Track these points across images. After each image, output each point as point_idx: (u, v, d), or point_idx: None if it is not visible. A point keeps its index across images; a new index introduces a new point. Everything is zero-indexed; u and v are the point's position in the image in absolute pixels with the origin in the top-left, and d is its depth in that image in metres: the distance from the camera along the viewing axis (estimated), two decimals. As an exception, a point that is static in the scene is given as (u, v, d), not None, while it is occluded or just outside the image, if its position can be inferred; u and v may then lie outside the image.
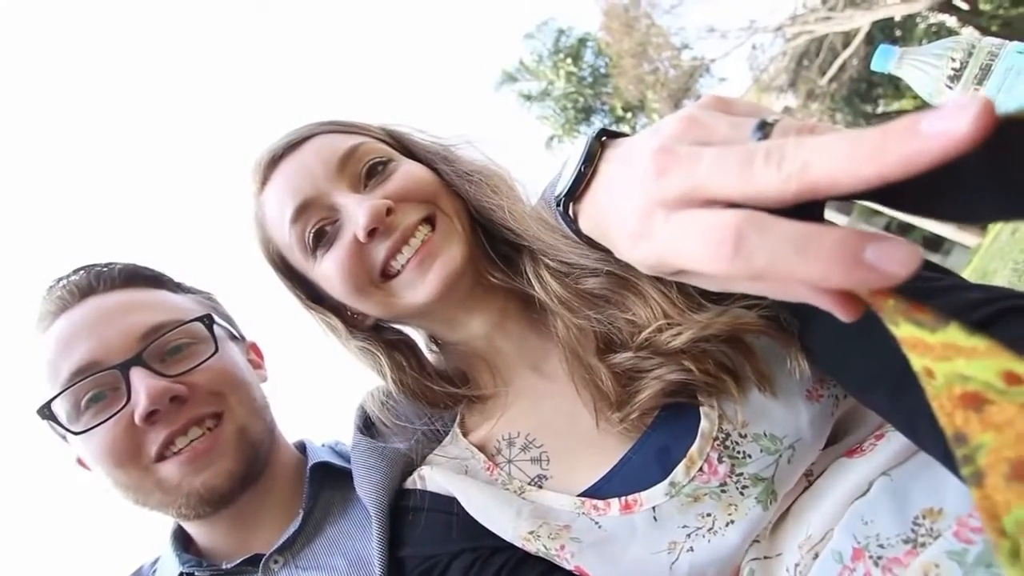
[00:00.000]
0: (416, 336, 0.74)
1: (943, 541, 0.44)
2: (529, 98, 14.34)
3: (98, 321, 0.71)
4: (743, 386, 0.55)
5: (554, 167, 0.45)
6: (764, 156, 0.26)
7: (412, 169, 0.65)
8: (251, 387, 0.79)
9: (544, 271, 0.62)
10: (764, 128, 0.29)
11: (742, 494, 0.54)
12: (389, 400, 0.69)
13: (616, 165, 0.37)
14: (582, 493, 0.59)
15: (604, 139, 0.40)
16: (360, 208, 0.59)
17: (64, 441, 0.73)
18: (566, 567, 0.58)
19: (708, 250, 0.26)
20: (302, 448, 0.89)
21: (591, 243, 0.42)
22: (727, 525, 0.55)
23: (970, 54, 0.67)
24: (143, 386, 0.66)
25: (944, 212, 0.27)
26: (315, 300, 0.68)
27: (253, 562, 0.74)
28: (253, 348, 0.89)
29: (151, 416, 0.66)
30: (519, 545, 0.59)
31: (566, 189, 0.40)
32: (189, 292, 0.84)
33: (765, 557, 0.56)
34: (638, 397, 0.56)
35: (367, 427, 0.72)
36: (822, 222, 0.26)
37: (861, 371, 0.49)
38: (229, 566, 0.74)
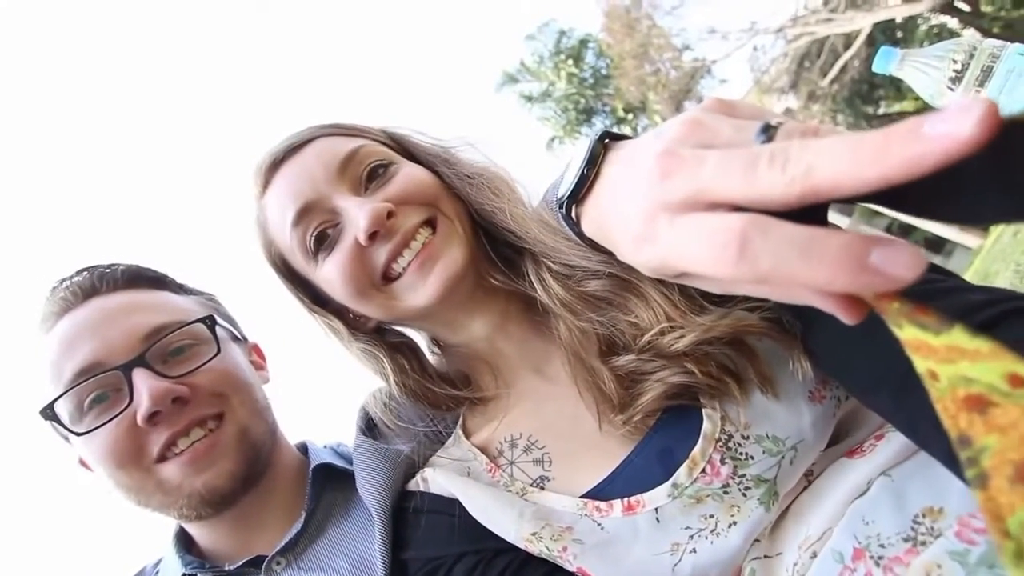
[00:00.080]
0: (418, 338, 0.74)
1: (945, 541, 0.44)
2: (530, 99, 14.34)
3: (101, 322, 0.71)
4: (745, 388, 0.55)
5: (555, 168, 0.45)
6: (768, 159, 0.26)
7: (413, 172, 0.65)
8: (253, 388, 0.79)
9: (546, 273, 0.62)
10: (768, 131, 0.29)
11: (744, 495, 0.54)
12: (391, 402, 0.69)
13: (619, 168, 0.37)
14: (584, 494, 0.59)
15: (607, 141, 0.40)
16: (361, 211, 0.59)
17: (66, 442, 0.74)
18: (569, 569, 0.58)
19: (713, 253, 0.26)
20: (304, 449, 0.89)
21: (593, 245, 0.41)
22: (730, 526, 0.55)
23: (971, 56, 0.67)
24: (145, 387, 0.66)
25: (947, 214, 0.27)
26: (317, 303, 0.68)
27: (256, 563, 0.74)
28: (255, 349, 0.89)
29: (153, 417, 0.66)
30: (522, 547, 0.59)
31: (568, 191, 0.40)
32: (192, 293, 0.85)
33: (765, 556, 0.56)
34: (641, 399, 0.56)
35: (369, 429, 0.72)
36: (826, 225, 0.26)
37: (864, 373, 0.49)
38: (232, 568, 0.74)
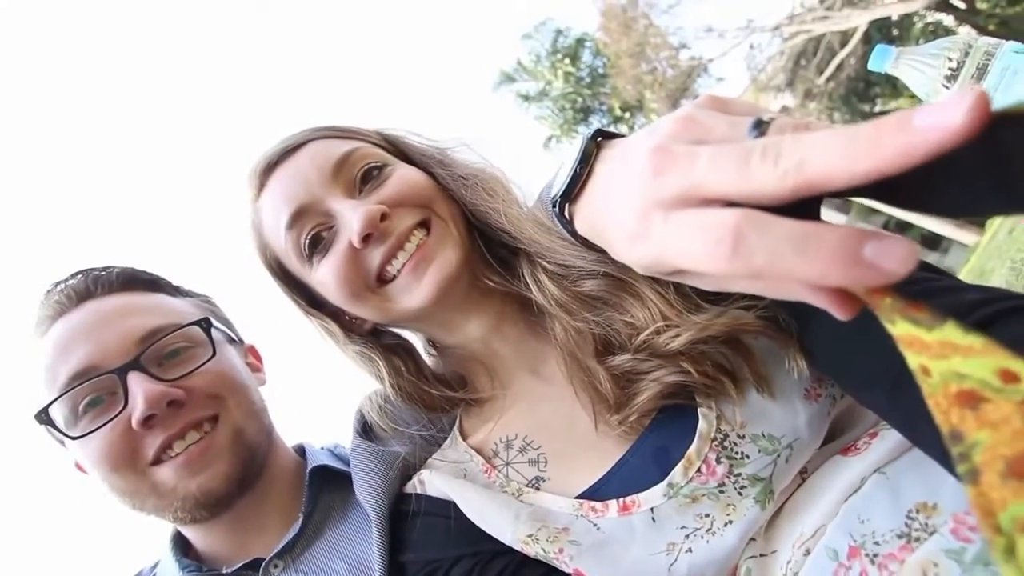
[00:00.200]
0: (414, 340, 0.74)
1: (940, 539, 0.44)
2: (527, 98, 14.34)
3: (95, 325, 0.71)
4: (741, 387, 0.55)
5: (552, 167, 0.45)
6: (760, 153, 0.26)
7: (407, 173, 0.65)
8: (249, 390, 0.79)
9: (541, 274, 0.62)
10: (760, 126, 0.29)
11: (740, 494, 0.54)
12: (387, 404, 0.69)
13: (612, 166, 0.37)
14: (580, 495, 0.58)
15: (600, 140, 0.40)
16: (355, 214, 0.59)
17: (62, 446, 0.73)
18: (565, 570, 0.58)
19: (707, 249, 0.26)
20: (301, 451, 0.89)
21: (587, 244, 0.42)
22: (725, 525, 0.54)
23: (967, 54, 0.67)
24: (140, 390, 0.66)
25: (940, 207, 0.27)
26: (313, 305, 0.68)
27: (253, 566, 0.74)
28: (251, 351, 0.89)
29: (148, 420, 0.66)
30: (518, 548, 0.59)
31: (561, 190, 0.40)
32: (187, 295, 0.84)
33: (761, 555, 0.56)
34: (637, 399, 0.56)
35: (366, 431, 0.72)
36: (818, 221, 0.26)
37: (859, 371, 0.49)
38: (229, 571, 0.74)
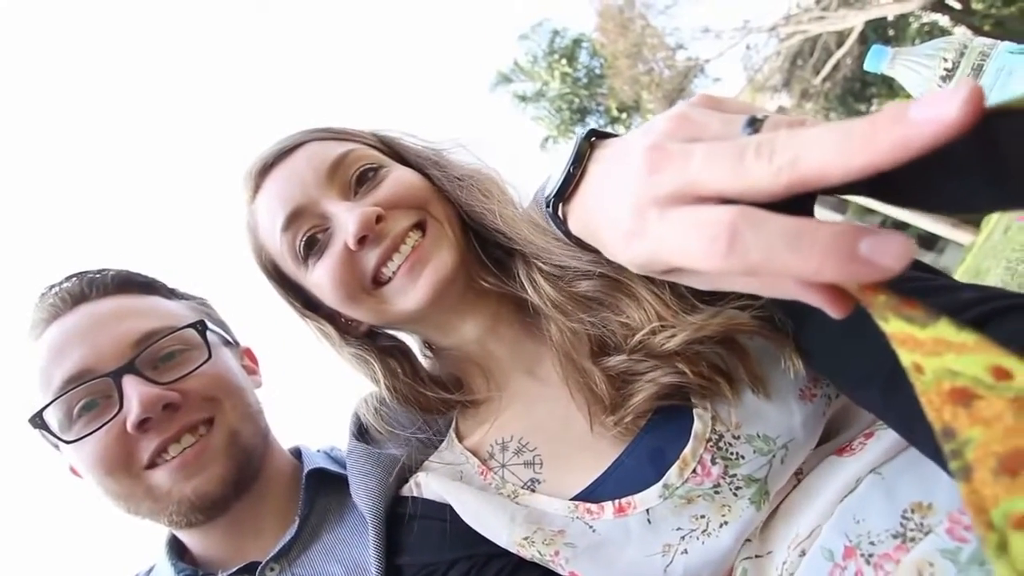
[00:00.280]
0: (411, 342, 0.74)
1: (935, 539, 0.44)
2: (524, 99, 14.34)
3: (90, 328, 0.70)
4: (737, 388, 0.55)
5: (548, 168, 0.45)
6: (755, 150, 0.26)
7: (402, 175, 0.65)
8: (245, 393, 0.79)
9: (537, 274, 0.61)
10: (754, 124, 0.29)
11: (735, 495, 0.54)
12: (382, 407, 0.68)
13: (606, 165, 0.38)
14: (575, 497, 0.58)
15: (593, 140, 0.40)
16: (350, 216, 0.58)
17: (56, 450, 0.73)
18: (561, 573, 0.58)
19: (702, 246, 0.26)
20: (297, 454, 0.89)
21: (581, 244, 0.42)
22: (721, 526, 0.54)
23: (962, 54, 0.68)
24: (135, 394, 0.65)
25: (935, 202, 0.27)
26: (309, 307, 0.68)
27: (249, 570, 0.74)
28: (247, 354, 0.89)
29: (143, 424, 0.66)
30: (514, 551, 0.59)
31: (555, 190, 0.40)
32: (182, 298, 0.84)
33: (756, 556, 0.56)
34: (632, 400, 0.56)
35: (362, 433, 0.71)
36: (811, 218, 0.26)
37: (854, 370, 0.49)
38: (225, 574, 0.73)
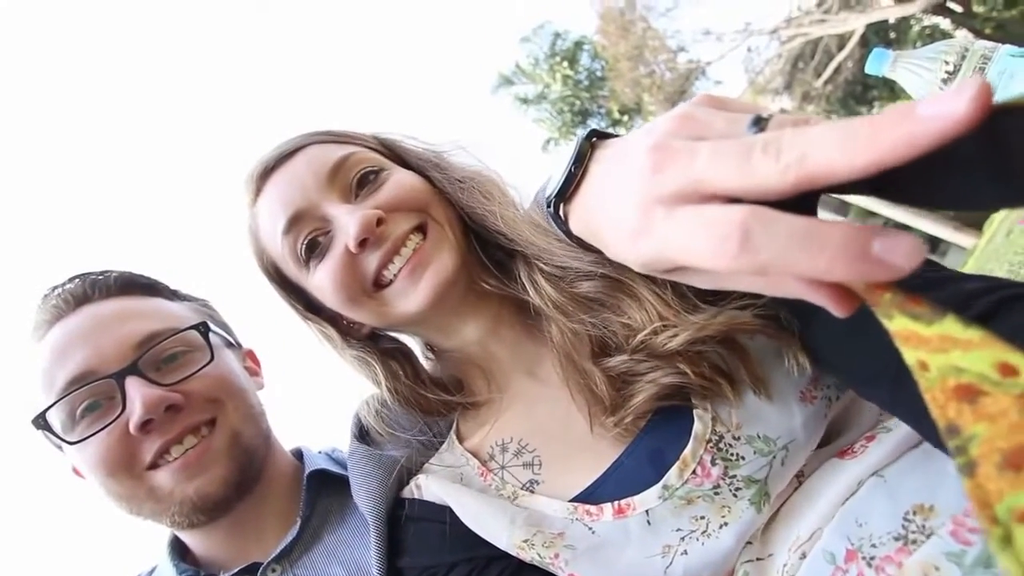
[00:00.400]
0: (412, 344, 0.74)
1: (940, 541, 0.43)
2: (525, 101, 14.34)
3: (93, 330, 0.71)
4: (738, 389, 0.54)
5: (549, 169, 0.46)
6: (762, 148, 0.26)
7: (403, 178, 0.65)
8: (247, 394, 0.79)
9: (538, 276, 0.62)
10: (759, 123, 0.29)
11: (735, 496, 0.54)
12: (383, 409, 0.68)
13: (607, 165, 0.38)
14: (574, 498, 0.58)
15: (594, 140, 0.40)
16: (351, 219, 0.59)
17: (59, 451, 0.73)
18: (560, 575, 0.58)
19: (713, 245, 0.26)
20: (299, 455, 0.89)
21: (582, 244, 0.42)
22: (720, 527, 0.54)
23: (963, 57, 0.68)
24: (138, 395, 0.66)
25: (939, 199, 0.27)
26: (310, 310, 0.68)
27: (251, 571, 0.74)
28: (249, 355, 0.89)
29: (146, 425, 0.66)
30: (514, 554, 0.59)
31: (556, 190, 0.40)
32: (185, 300, 0.84)
33: (757, 559, 0.55)
34: (632, 401, 0.56)
35: (363, 435, 0.71)
36: (820, 218, 0.26)
37: (862, 366, 0.48)
38: (226, 575, 0.74)
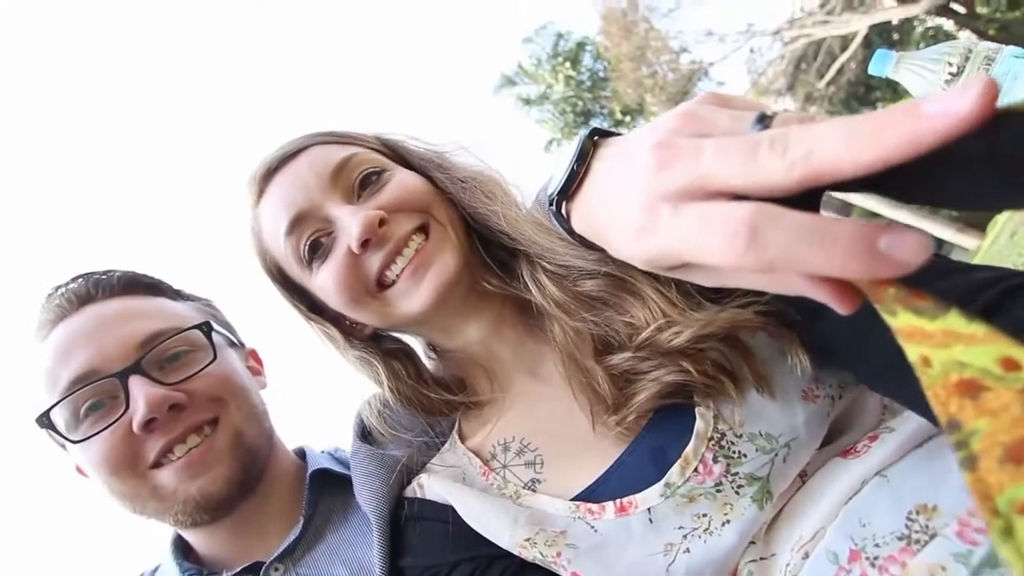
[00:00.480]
0: (415, 344, 0.74)
1: (946, 542, 0.43)
2: (528, 102, 14.35)
3: (96, 329, 0.71)
4: (741, 387, 0.54)
5: (552, 168, 0.46)
6: (768, 144, 0.26)
7: (405, 179, 0.65)
8: (250, 393, 0.79)
9: (541, 274, 0.62)
10: (764, 120, 0.29)
11: (737, 493, 0.54)
12: (385, 409, 0.69)
13: (610, 163, 0.38)
14: (576, 497, 0.58)
15: (596, 138, 0.40)
16: (353, 219, 0.59)
17: (63, 450, 0.73)
18: (563, 574, 0.58)
19: (721, 242, 0.26)
20: (302, 455, 0.89)
21: (583, 242, 0.42)
22: (723, 525, 0.54)
23: (967, 58, 0.67)
24: (142, 394, 0.66)
25: (941, 199, 0.27)
26: (313, 311, 0.68)
27: (253, 570, 0.74)
28: (252, 355, 0.89)
29: (149, 424, 0.66)
30: (516, 553, 0.59)
31: (558, 188, 0.40)
32: (188, 299, 0.84)
33: (761, 558, 0.55)
34: (635, 399, 0.56)
35: (365, 435, 0.72)
36: (826, 215, 0.26)
37: (873, 360, 0.48)
38: (229, 574, 0.74)
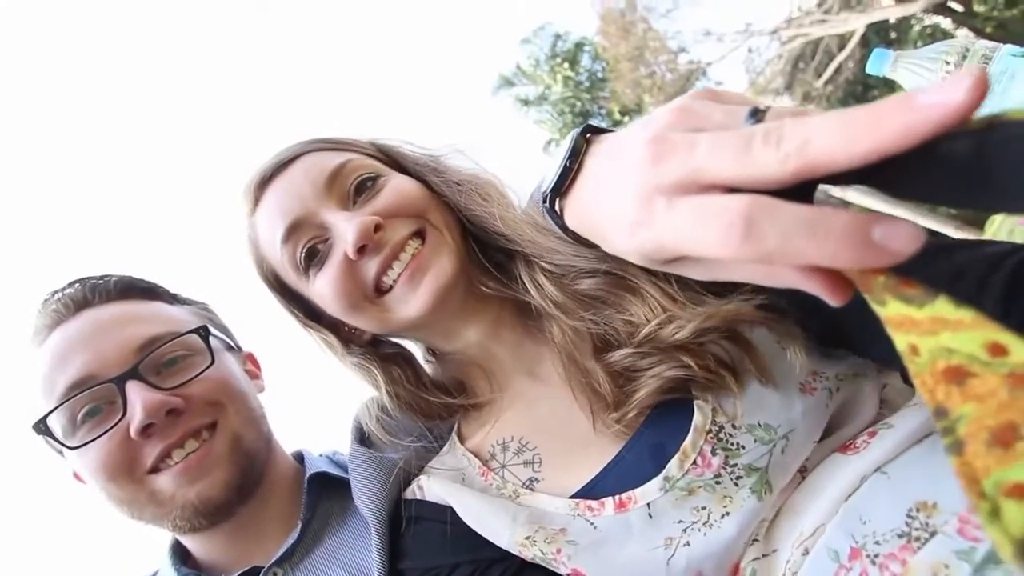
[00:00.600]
0: (414, 348, 0.74)
1: (947, 539, 0.43)
2: (526, 103, 14.35)
3: (93, 334, 0.71)
4: (741, 380, 0.54)
5: (546, 167, 0.46)
6: (762, 137, 0.26)
7: (400, 184, 0.65)
8: (248, 397, 0.79)
9: (540, 275, 0.62)
10: (756, 115, 0.30)
11: (736, 485, 0.53)
12: (383, 414, 0.68)
13: (603, 159, 0.38)
14: (575, 494, 0.58)
15: (589, 135, 0.40)
16: (349, 226, 0.59)
17: (60, 456, 0.73)
18: (562, 571, 0.57)
19: (717, 235, 0.26)
20: (300, 458, 0.89)
21: (578, 239, 0.42)
22: (722, 517, 0.54)
23: (964, 57, 0.67)
24: (139, 400, 0.66)
25: (932, 196, 0.27)
26: (311, 317, 0.68)
27: (252, 574, 0.74)
28: (250, 358, 0.89)
29: (147, 429, 0.66)
30: (515, 552, 0.58)
31: (552, 185, 0.41)
32: (185, 303, 0.84)
33: (763, 555, 0.55)
34: (636, 396, 0.56)
35: (363, 438, 0.72)
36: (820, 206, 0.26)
37: (887, 343, 0.48)
38: (227, 579, 0.74)
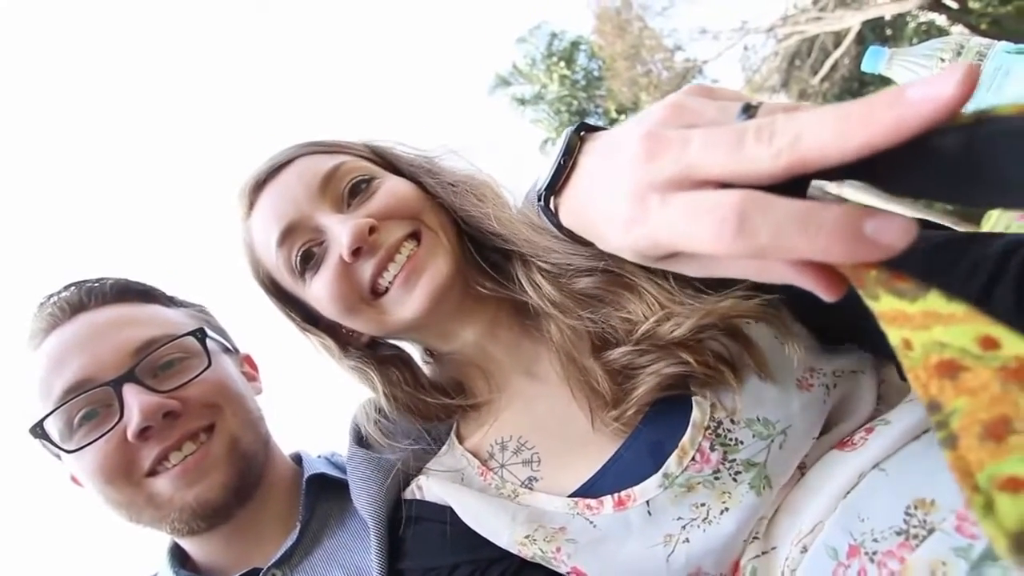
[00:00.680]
0: (411, 350, 0.74)
1: (945, 537, 0.43)
2: (523, 102, 14.34)
3: (90, 337, 0.71)
4: (740, 376, 0.54)
5: (541, 166, 0.47)
6: (755, 132, 0.26)
7: (395, 186, 0.65)
8: (245, 399, 0.79)
9: (537, 274, 0.62)
10: (749, 110, 0.30)
11: (735, 480, 0.54)
12: (380, 416, 0.68)
13: (597, 157, 0.38)
14: (574, 493, 0.58)
15: (583, 133, 0.40)
16: (343, 228, 0.59)
17: (57, 459, 0.73)
18: (562, 570, 0.57)
19: (711, 230, 0.26)
20: (298, 460, 0.89)
21: (573, 237, 0.42)
22: (721, 513, 0.54)
23: (959, 54, 0.68)
24: (136, 402, 0.66)
25: (926, 190, 0.28)
26: (308, 321, 0.68)
27: (251, 576, 0.74)
28: (247, 360, 0.89)
29: (144, 432, 0.66)
30: (515, 551, 0.58)
31: (546, 183, 0.41)
32: (181, 306, 0.84)
33: (762, 553, 0.55)
34: (634, 393, 0.56)
35: (361, 439, 0.72)
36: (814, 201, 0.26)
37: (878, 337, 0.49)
38: (226, 581, 0.74)
